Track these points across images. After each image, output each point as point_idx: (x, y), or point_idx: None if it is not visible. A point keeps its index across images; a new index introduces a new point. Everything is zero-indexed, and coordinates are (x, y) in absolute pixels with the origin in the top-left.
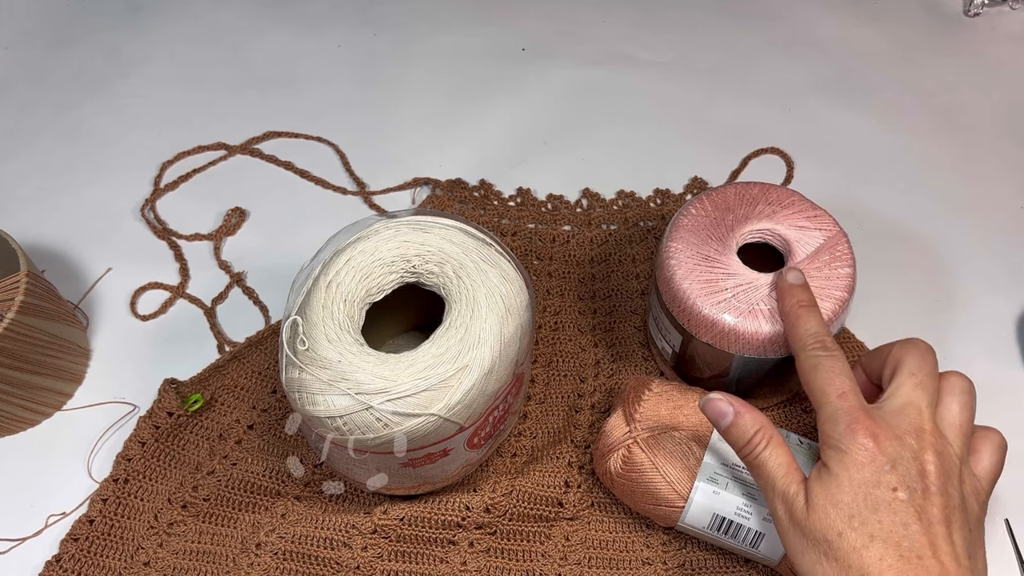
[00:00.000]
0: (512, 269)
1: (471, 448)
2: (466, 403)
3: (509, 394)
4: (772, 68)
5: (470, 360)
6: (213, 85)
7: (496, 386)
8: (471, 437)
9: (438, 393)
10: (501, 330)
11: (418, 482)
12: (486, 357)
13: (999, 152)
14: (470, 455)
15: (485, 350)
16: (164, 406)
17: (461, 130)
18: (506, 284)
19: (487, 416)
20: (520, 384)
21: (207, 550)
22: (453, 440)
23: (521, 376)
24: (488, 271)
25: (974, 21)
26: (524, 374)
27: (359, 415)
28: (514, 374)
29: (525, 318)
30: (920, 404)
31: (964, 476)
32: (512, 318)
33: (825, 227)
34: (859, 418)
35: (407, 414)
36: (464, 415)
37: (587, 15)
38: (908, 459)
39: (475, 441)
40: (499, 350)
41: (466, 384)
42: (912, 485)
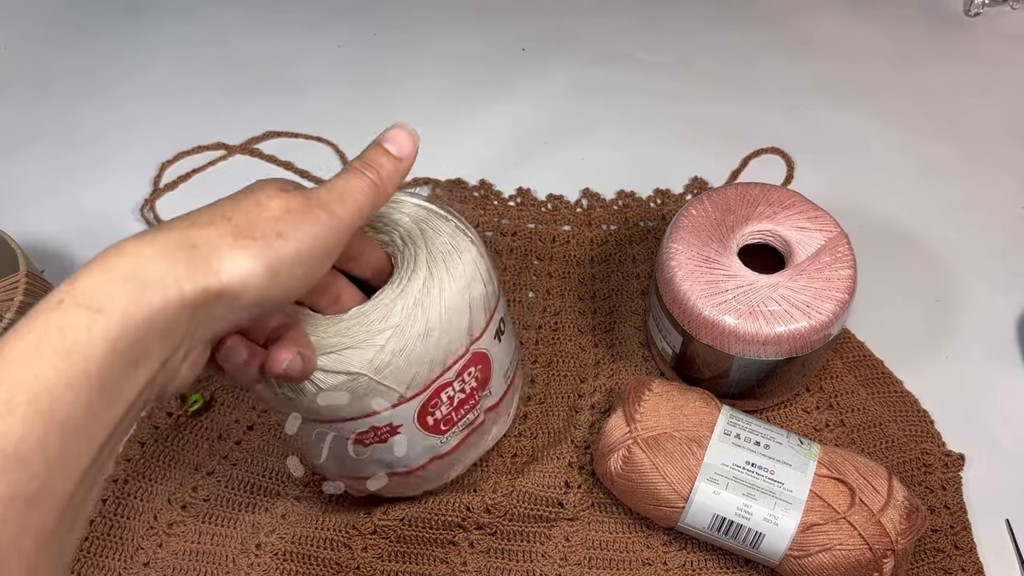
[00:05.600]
0: (468, 243)
1: (430, 431)
2: (398, 366)
3: (467, 372)
4: (772, 68)
5: (403, 320)
6: (213, 85)
7: (440, 355)
8: (422, 414)
9: (365, 352)
10: (441, 295)
11: (413, 484)
12: (419, 319)
13: (1000, 152)
14: (432, 441)
15: (419, 312)
16: (163, 406)
17: (461, 130)
18: (455, 254)
19: (437, 392)
20: (486, 368)
21: (207, 551)
22: (398, 413)
23: (484, 357)
24: (436, 239)
25: (974, 21)
26: (490, 356)
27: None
28: (468, 349)
29: (478, 291)
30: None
31: None
32: (455, 283)
33: (826, 228)
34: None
35: (333, 371)
36: (399, 381)
37: (587, 15)
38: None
39: (431, 422)
40: (439, 314)
41: (395, 344)
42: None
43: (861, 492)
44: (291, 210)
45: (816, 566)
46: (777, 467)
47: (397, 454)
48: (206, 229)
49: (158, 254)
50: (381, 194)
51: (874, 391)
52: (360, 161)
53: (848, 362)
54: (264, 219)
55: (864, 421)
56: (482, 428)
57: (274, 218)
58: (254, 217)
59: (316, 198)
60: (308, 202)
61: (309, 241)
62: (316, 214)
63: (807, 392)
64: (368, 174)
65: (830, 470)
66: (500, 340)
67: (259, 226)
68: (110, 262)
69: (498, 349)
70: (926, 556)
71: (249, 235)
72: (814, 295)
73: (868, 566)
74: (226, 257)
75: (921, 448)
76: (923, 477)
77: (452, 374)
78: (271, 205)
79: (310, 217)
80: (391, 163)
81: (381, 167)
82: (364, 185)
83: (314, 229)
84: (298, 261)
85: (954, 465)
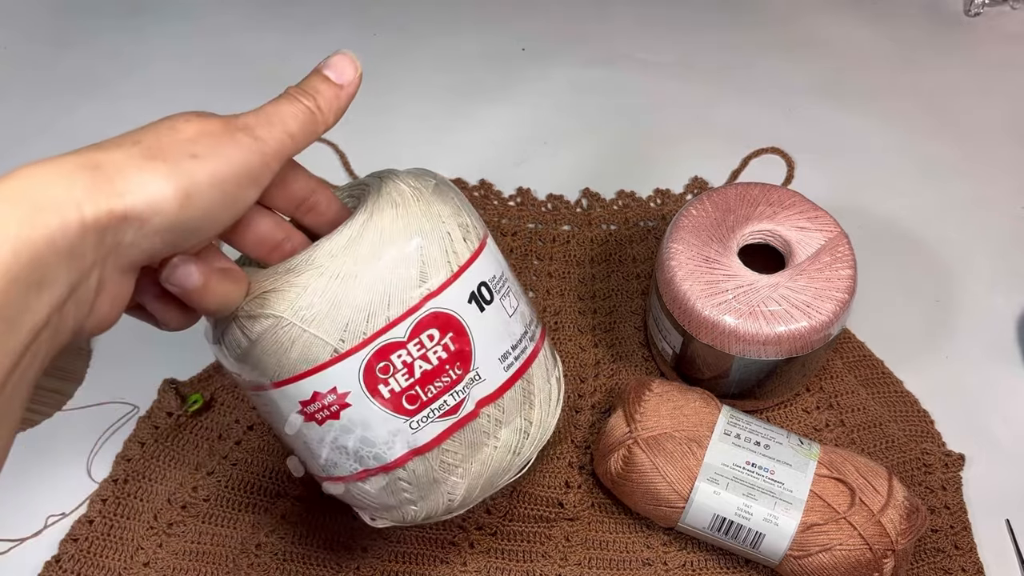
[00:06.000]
0: (431, 192)
1: (389, 407)
2: (322, 310)
3: (426, 334)
4: (772, 68)
5: (328, 261)
6: (213, 85)
7: (378, 302)
8: (371, 379)
9: (287, 293)
10: (381, 236)
11: (399, 496)
12: (347, 258)
13: (1000, 152)
14: (398, 423)
15: (349, 252)
16: (164, 406)
17: (461, 130)
18: (409, 199)
19: (385, 352)
20: (460, 337)
21: (207, 551)
22: (338, 374)
23: (453, 321)
24: (393, 187)
25: (974, 21)
26: (464, 323)
27: (230, 329)
28: (423, 304)
29: (435, 239)
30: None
31: None
32: (400, 225)
33: (826, 228)
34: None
35: (255, 315)
36: (329, 329)
37: (587, 15)
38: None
39: (386, 393)
40: (371, 254)
41: (318, 284)
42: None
43: (861, 492)
44: (208, 132)
45: (816, 566)
46: (777, 467)
47: (358, 433)
48: (112, 151)
49: (56, 176)
50: (317, 122)
51: (874, 391)
52: (296, 87)
53: (848, 362)
54: (177, 141)
55: (864, 421)
56: (476, 425)
57: (188, 140)
58: (166, 140)
59: (239, 122)
60: (229, 126)
61: (227, 164)
62: (237, 137)
63: (807, 392)
64: (302, 100)
65: (830, 470)
66: (483, 310)
67: (171, 148)
68: (3, 185)
69: (480, 320)
70: (926, 556)
71: (159, 157)
72: (814, 295)
73: (868, 566)
74: (132, 179)
75: (921, 448)
76: (923, 477)
77: (402, 331)
78: (186, 128)
79: (230, 140)
80: (330, 89)
81: (318, 93)
82: (296, 111)
83: (234, 152)
84: (214, 183)
85: (954, 465)
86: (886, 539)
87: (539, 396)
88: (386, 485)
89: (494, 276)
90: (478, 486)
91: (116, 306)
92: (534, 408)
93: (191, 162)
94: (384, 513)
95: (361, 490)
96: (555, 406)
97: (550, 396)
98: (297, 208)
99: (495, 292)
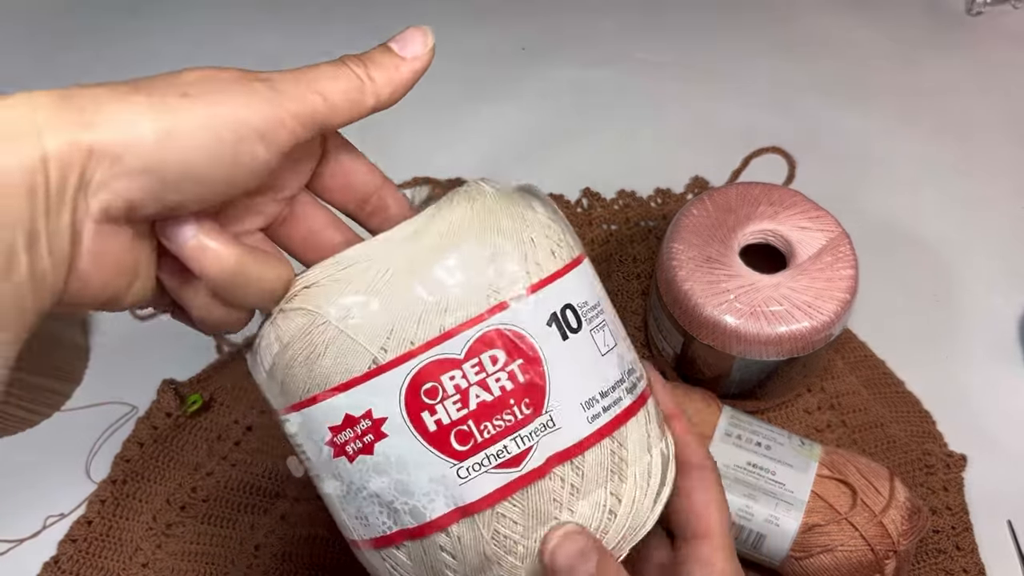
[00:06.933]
0: (519, 197)
1: (435, 444)
2: (366, 312)
3: (488, 354)
4: (773, 68)
5: (382, 255)
6: None
7: (432, 307)
8: (414, 404)
9: (329, 288)
10: (449, 228)
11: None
12: (403, 255)
13: (1001, 152)
14: (443, 467)
15: (406, 247)
16: (163, 407)
17: (461, 130)
18: (488, 196)
19: (435, 370)
20: (533, 367)
21: (206, 551)
22: (374, 390)
23: (526, 344)
24: (472, 187)
25: (976, 20)
26: (540, 351)
27: (266, 332)
28: (489, 316)
29: (515, 242)
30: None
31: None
32: (473, 217)
33: (827, 228)
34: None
35: (289, 310)
36: (370, 335)
37: (587, 15)
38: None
39: (431, 425)
40: (435, 248)
41: (364, 279)
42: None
43: (863, 493)
44: (214, 77)
45: (818, 567)
46: (778, 468)
47: (393, 476)
48: (95, 87)
49: (20, 103)
50: (365, 91)
51: (876, 391)
52: (351, 55)
53: (849, 362)
54: (171, 81)
55: (866, 422)
56: (544, 487)
57: (186, 81)
58: (161, 80)
59: (260, 74)
60: (245, 74)
61: (228, 109)
62: (252, 85)
63: (808, 393)
64: (352, 65)
65: (832, 471)
66: (565, 338)
67: (161, 85)
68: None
69: (562, 351)
70: (928, 557)
71: (144, 91)
72: (816, 295)
73: (870, 567)
74: (104, 110)
75: (923, 449)
76: (925, 478)
77: (458, 347)
78: (190, 73)
79: (241, 86)
80: (389, 59)
81: (373, 61)
82: (339, 73)
83: (240, 97)
84: (206, 126)
85: (956, 466)
86: (888, 540)
87: (634, 468)
88: (424, 556)
89: (586, 302)
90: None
91: (102, 267)
92: (625, 482)
93: (180, 100)
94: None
95: (396, 562)
96: (656, 488)
97: (649, 472)
98: (361, 207)
99: (584, 320)
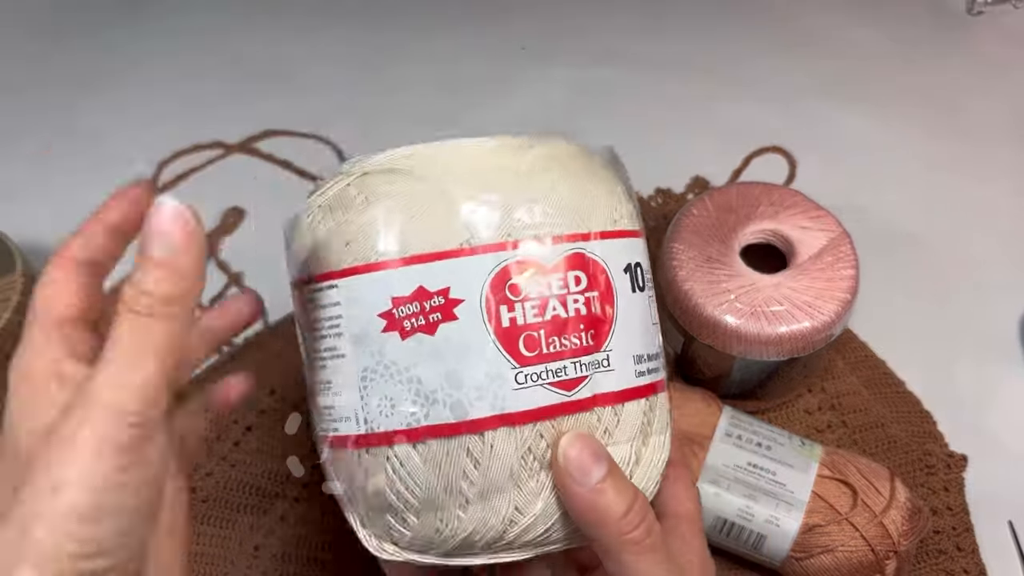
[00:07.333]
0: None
1: (502, 342)
2: (479, 186)
3: (571, 275)
4: (773, 68)
5: (491, 152)
6: (211, 84)
7: (524, 202)
8: (498, 298)
9: (441, 161)
10: (554, 151)
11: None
12: (510, 159)
13: (1002, 151)
14: (502, 365)
15: (526, 155)
16: None
17: (461, 129)
18: (589, 154)
19: (523, 268)
20: (605, 298)
21: (205, 552)
22: (459, 269)
23: (604, 276)
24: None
25: (977, 20)
26: (614, 287)
27: (346, 182)
28: (577, 241)
29: (608, 188)
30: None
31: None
32: (581, 160)
33: (828, 228)
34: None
35: (385, 170)
36: (474, 212)
37: (587, 14)
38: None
39: (506, 320)
40: (552, 164)
41: (475, 163)
42: None
43: (863, 493)
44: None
45: (818, 567)
46: (779, 468)
47: (449, 364)
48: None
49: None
50: (166, 330)
51: (876, 392)
52: (122, 298)
53: (850, 362)
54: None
55: (866, 422)
56: (585, 420)
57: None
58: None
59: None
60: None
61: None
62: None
63: (809, 393)
64: (128, 318)
65: (832, 471)
66: (634, 291)
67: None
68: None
69: (630, 300)
70: (928, 558)
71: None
72: (816, 295)
73: (870, 567)
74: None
75: (923, 449)
76: (925, 478)
77: (550, 257)
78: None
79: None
80: (159, 278)
81: (141, 295)
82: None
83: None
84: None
85: (956, 466)
86: (888, 540)
87: (655, 437)
88: (445, 460)
89: (648, 271)
90: (560, 515)
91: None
92: (647, 446)
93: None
94: (412, 518)
95: (405, 461)
96: (661, 465)
97: (663, 447)
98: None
99: (647, 284)
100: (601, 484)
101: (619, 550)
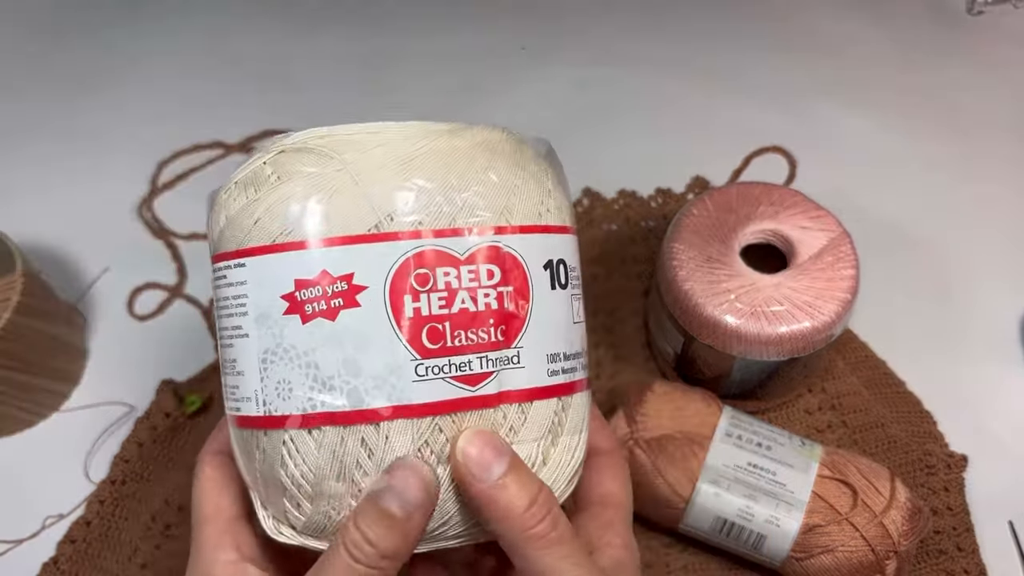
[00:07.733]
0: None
1: (404, 333)
2: (390, 172)
3: (483, 267)
4: (773, 67)
5: (415, 135)
6: (211, 84)
7: (452, 197)
8: (401, 287)
9: (359, 140)
10: (482, 143)
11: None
12: (433, 143)
13: (1002, 151)
14: (401, 355)
15: (445, 139)
16: (161, 407)
17: None
18: (519, 142)
19: (432, 259)
20: (520, 293)
21: None
22: (364, 256)
23: (517, 268)
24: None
25: (977, 20)
26: (529, 280)
27: (258, 159)
28: (492, 232)
29: (531, 183)
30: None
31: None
32: (510, 151)
33: (828, 228)
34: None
35: (297, 148)
36: (384, 196)
37: (587, 14)
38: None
39: (408, 311)
40: (469, 157)
41: (394, 145)
42: None
43: (863, 493)
44: None
45: (818, 568)
46: (779, 468)
47: (347, 352)
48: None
49: None
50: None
51: (876, 392)
52: (343, 532)
53: (850, 363)
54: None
55: (866, 422)
56: (489, 416)
57: None
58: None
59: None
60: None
61: None
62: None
63: (809, 393)
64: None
65: (832, 471)
66: (553, 288)
67: None
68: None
69: (547, 298)
70: (929, 558)
71: None
72: (816, 295)
73: (871, 567)
74: None
75: (924, 449)
76: (926, 478)
77: (463, 247)
78: None
79: None
80: (386, 534)
81: (365, 543)
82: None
83: None
84: None
85: (957, 466)
86: (888, 540)
87: (566, 438)
88: (339, 447)
89: (574, 268)
90: (457, 509)
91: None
92: (555, 447)
93: None
94: (306, 503)
95: (300, 447)
96: (574, 467)
97: (575, 449)
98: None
99: (570, 282)
100: (503, 479)
101: (523, 545)
